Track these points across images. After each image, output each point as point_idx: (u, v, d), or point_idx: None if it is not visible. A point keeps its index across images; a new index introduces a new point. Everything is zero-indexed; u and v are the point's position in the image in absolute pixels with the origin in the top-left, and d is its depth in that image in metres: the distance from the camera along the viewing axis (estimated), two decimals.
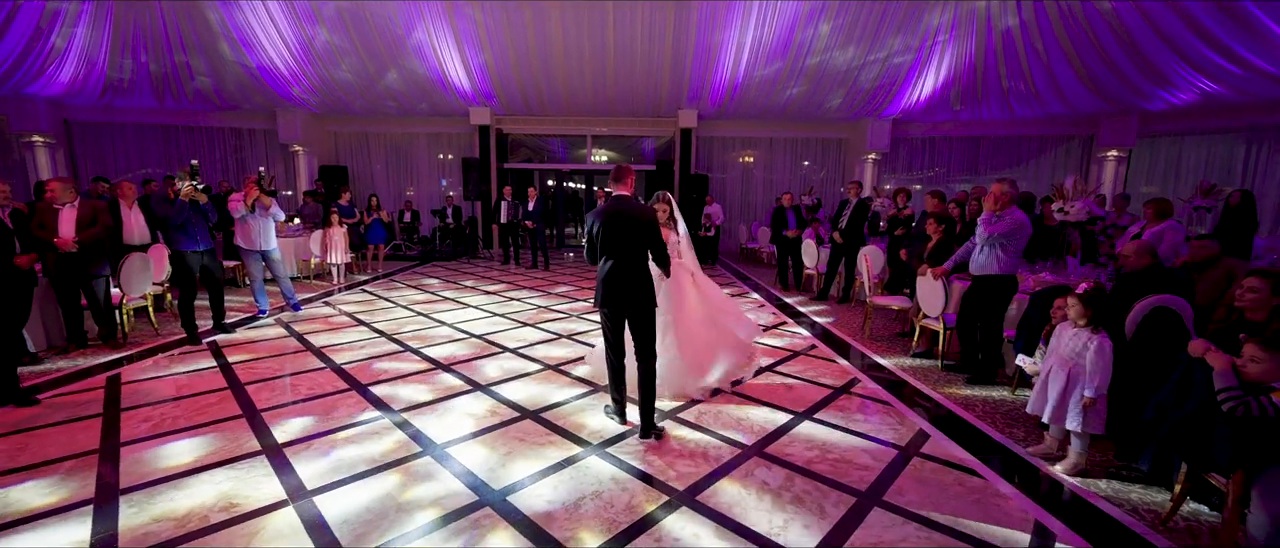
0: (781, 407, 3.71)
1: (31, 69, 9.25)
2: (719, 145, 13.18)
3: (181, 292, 5.01)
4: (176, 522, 2.36)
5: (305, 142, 12.05)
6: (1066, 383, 2.85)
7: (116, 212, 5.78)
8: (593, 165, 13.68)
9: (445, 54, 10.28)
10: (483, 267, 10.38)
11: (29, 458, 2.90)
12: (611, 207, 3.16)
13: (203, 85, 10.67)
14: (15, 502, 2.50)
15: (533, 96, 11.59)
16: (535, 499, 2.57)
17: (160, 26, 9.43)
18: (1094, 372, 2.78)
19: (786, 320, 6.29)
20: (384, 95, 11.35)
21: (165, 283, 5.85)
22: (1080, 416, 2.82)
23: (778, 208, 8.35)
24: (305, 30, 9.62)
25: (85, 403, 3.64)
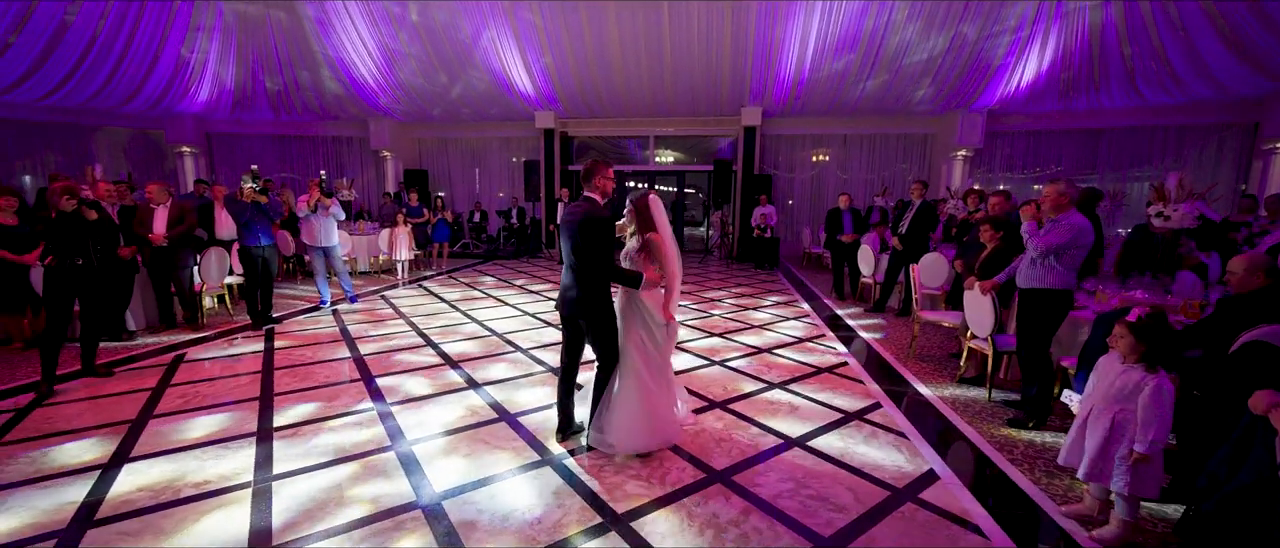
0: (774, 429, 3.37)
1: (178, 91, 10.96)
2: (786, 144, 12.50)
3: (246, 281, 5.62)
4: (152, 493, 2.60)
5: (393, 147, 13.15)
6: (1109, 430, 2.29)
7: (211, 211, 6.65)
8: (655, 166, 13.59)
9: (509, 60, 10.71)
10: (540, 266, 10.69)
11: (82, 422, 3.37)
12: (569, 210, 2.92)
13: (308, 99, 12.02)
14: (50, 461, 2.90)
15: (593, 99, 11.73)
16: (468, 506, 2.52)
17: (273, 49, 10.75)
18: (1148, 421, 2.20)
19: (825, 333, 5.77)
20: (457, 102, 12.08)
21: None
22: (1127, 474, 2.25)
23: (832, 210, 7.72)
24: (387, 44, 10.49)
25: (147, 378, 4.17)
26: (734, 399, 3.86)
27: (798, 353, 5.03)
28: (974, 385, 4.19)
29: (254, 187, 5.43)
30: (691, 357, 4.85)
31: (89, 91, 9.99)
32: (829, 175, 12.46)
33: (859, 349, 5.21)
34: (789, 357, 4.90)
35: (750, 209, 11.20)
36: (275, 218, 5.72)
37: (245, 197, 5.40)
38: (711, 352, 5.01)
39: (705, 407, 3.72)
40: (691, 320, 6.21)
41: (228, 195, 5.58)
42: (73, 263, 3.90)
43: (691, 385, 4.10)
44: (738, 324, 6.08)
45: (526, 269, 10.21)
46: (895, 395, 3.99)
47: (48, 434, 3.20)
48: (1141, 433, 2.21)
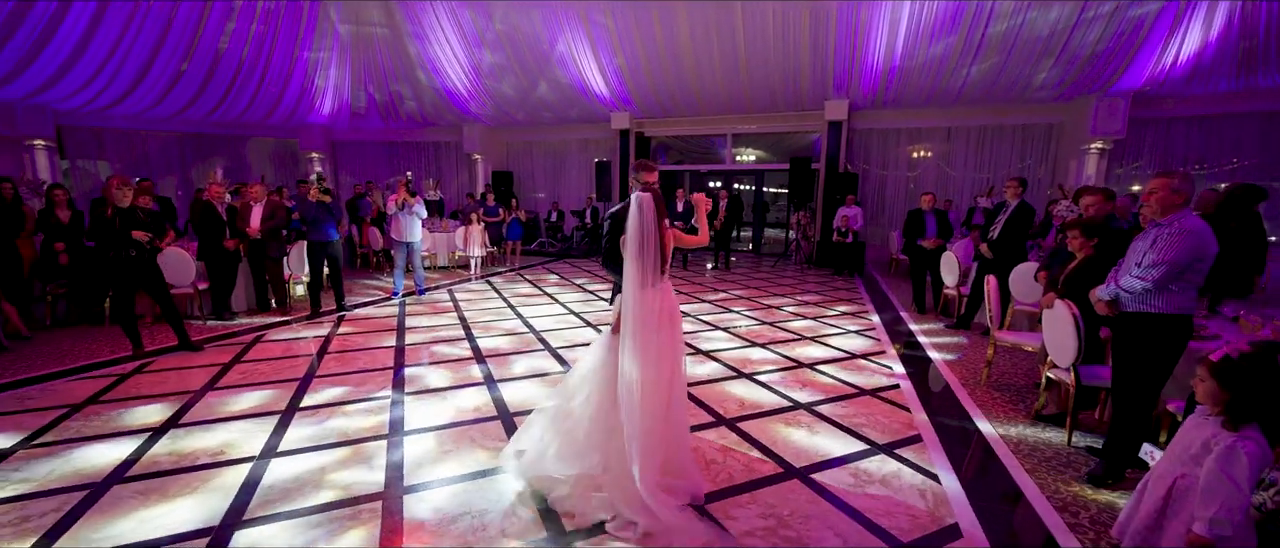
0: (777, 455, 3.00)
1: (306, 105, 12.56)
2: (878, 139, 11.42)
3: (311, 273, 6.20)
4: (177, 458, 2.91)
5: (483, 150, 14.02)
6: (1164, 499, 1.71)
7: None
8: (734, 165, 13.12)
9: (584, 62, 10.91)
10: None
11: (157, 389, 3.89)
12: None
13: (410, 108, 13.20)
14: (118, 422, 3.37)
15: (667, 98, 11.59)
16: (425, 504, 2.51)
17: (380, 63, 11.94)
18: (1211, 492, 1.62)
19: (884, 349, 5.12)
20: (538, 105, 12.57)
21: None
22: None
23: (913, 211, 6.86)
24: (474, 52, 11.18)
25: (224, 354, 4.75)
26: (745, 417, 3.52)
27: (845, 370, 4.49)
28: (1054, 425, 3.44)
29: (320, 189, 5.98)
30: (717, 365, 4.53)
31: (240, 108, 11.78)
32: (929, 173, 11.18)
33: (921, 371, 4.54)
34: (831, 374, 4.39)
35: (835, 210, 10.39)
36: (339, 216, 6.23)
37: (310, 198, 5.97)
38: (743, 362, 4.64)
39: (709, 424, 3.42)
40: (737, 326, 5.84)
41: (299, 196, 6.16)
42: (127, 254, 4.49)
43: (706, 398, 3.82)
44: (786, 335, 5.60)
45: (593, 269, 10.33)
46: (944, 430, 3.39)
47: (129, 398, 3.74)
48: (1201, 507, 1.62)
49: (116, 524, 2.33)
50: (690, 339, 5.33)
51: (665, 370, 2.44)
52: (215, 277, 5.84)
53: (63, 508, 2.44)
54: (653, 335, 2.41)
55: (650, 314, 2.41)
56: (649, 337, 2.40)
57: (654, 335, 2.41)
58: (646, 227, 2.41)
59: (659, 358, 2.42)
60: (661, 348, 2.43)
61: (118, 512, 2.42)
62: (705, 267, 10.47)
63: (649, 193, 2.46)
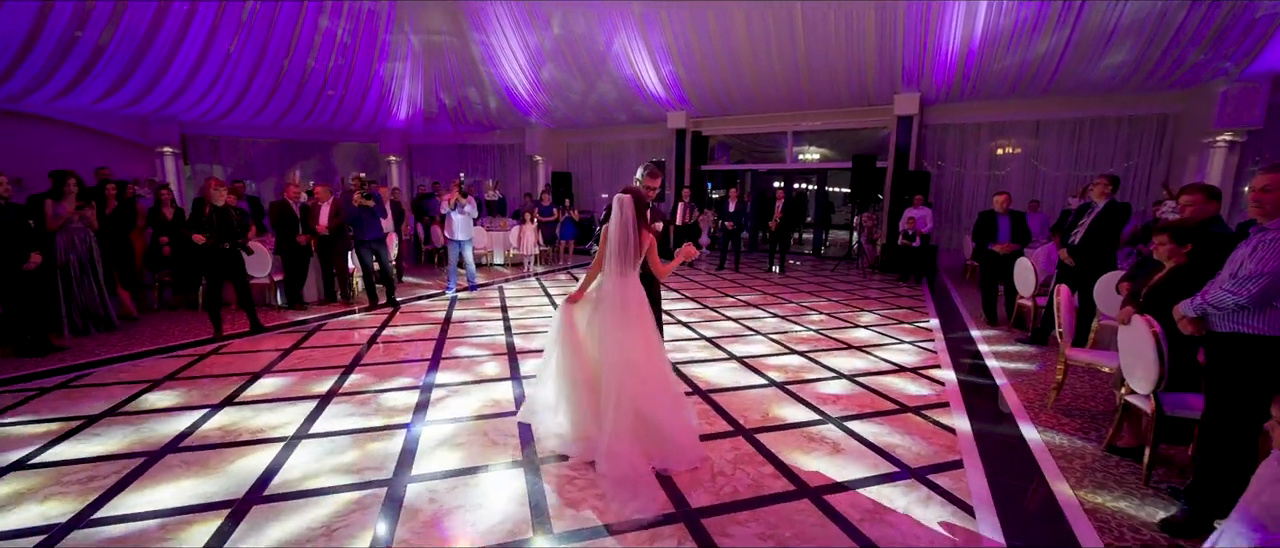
0: (792, 471, 2.81)
1: (385, 111, 13.50)
2: (955, 134, 10.54)
3: (362, 270, 6.58)
4: (224, 432, 3.18)
5: (544, 152, 14.42)
6: None
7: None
8: (796, 164, 12.61)
9: (639, 62, 10.91)
10: None
11: (225, 369, 4.29)
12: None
13: (476, 112, 13.82)
14: (186, 397, 3.74)
15: (724, 96, 11.34)
16: (423, 495, 2.56)
17: (449, 69, 12.60)
18: None
19: (938, 363, 4.68)
20: (595, 107, 12.73)
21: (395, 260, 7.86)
22: None
23: (984, 213, 6.24)
24: (533, 56, 11.51)
25: (287, 340, 5.17)
26: (767, 428, 3.32)
27: (893, 382, 4.15)
28: (1130, 459, 2.97)
29: (361, 192, 6.30)
30: (746, 373, 4.33)
31: (327, 115, 12.87)
32: (1015, 172, 10.17)
33: (978, 389, 4.10)
34: (873, 386, 4.07)
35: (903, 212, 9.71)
36: (381, 216, 6.51)
37: (353, 200, 6.30)
38: (777, 371, 4.41)
39: (725, 433, 3.26)
40: (775, 332, 5.57)
41: (342, 199, 6.49)
42: (222, 247, 4.96)
43: (729, 405, 3.66)
44: (830, 343, 5.27)
45: None
46: (992, 456, 3.03)
47: (200, 376, 4.15)
48: None
49: (158, 491, 2.58)
50: (726, 344, 5.15)
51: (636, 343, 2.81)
52: (289, 269, 6.38)
53: (122, 472, 2.73)
54: (619, 313, 2.81)
55: (617, 296, 2.83)
56: (615, 315, 2.80)
57: (620, 314, 2.81)
58: (626, 223, 2.81)
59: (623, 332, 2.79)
60: (628, 325, 2.80)
61: (163, 479, 2.67)
62: (770, 270, 10.12)
63: (629, 193, 2.83)
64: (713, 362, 4.64)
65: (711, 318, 6.26)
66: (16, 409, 3.49)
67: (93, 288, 5.17)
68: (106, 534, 2.26)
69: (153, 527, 2.31)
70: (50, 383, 3.94)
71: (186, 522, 2.34)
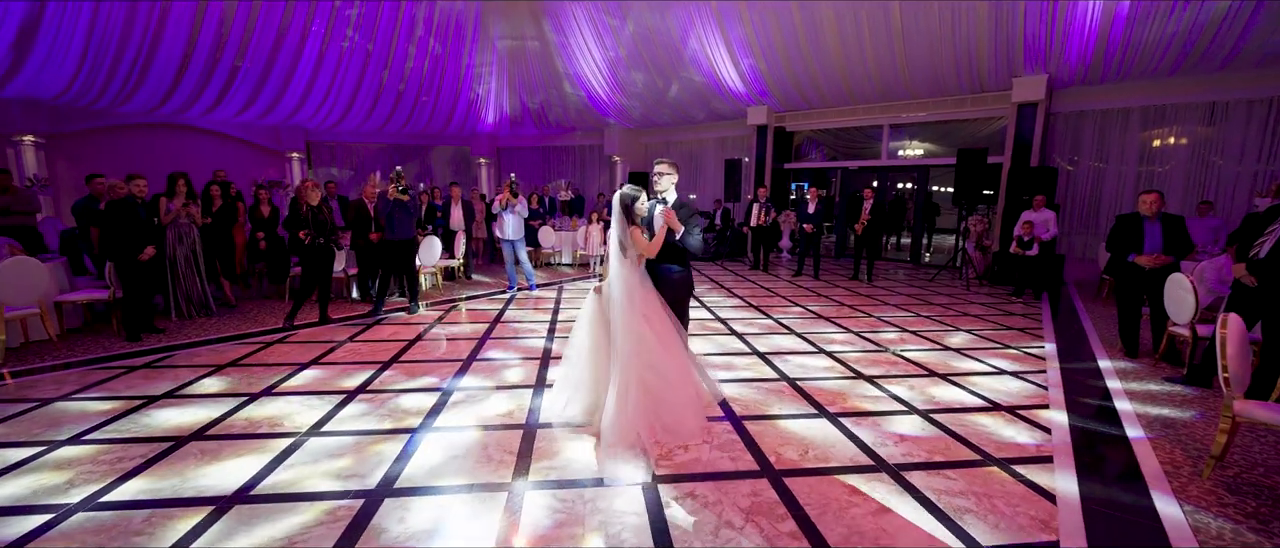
0: (821, 533, 2.27)
1: (474, 116, 14.20)
2: (1094, 123, 8.85)
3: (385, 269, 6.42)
4: (250, 423, 3.27)
5: (622, 153, 14.37)
6: None
7: (448, 207, 8.31)
8: (893, 161, 11.35)
9: (716, 56, 10.41)
10: (728, 272, 10.12)
11: (281, 358, 4.52)
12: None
13: (557, 114, 14.08)
14: (236, 385, 3.96)
15: (809, 89, 10.48)
16: (395, 513, 2.39)
17: (531, 73, 12.93)
18: None
19: (1046, 402, 3.76)
20: (672, 105, 12.39)
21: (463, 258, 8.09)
22: None
23: (1124, 217, 5.01)
24: (610, 54, 11.43)
25: (344, 333, 5.40)
26: (800, 471, 2.78)
27: (981, 422, 3.38)
28: None
29: (397, 188, 6.13)
30: (794, 399, 3.76)
31: (423, 121, 13.79)
32: (1179, 167, 8.30)
33: (1101, 442, 3.21)
34: (953, 426, 3.33)
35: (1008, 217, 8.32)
36: (415, 215, 6.42)
37: (388, 196, 6.15)
38: (833, 399, 3.78)
39: (748, 473, 2.77)
40: (843, 349, 4.87)
41: (378, 194, 6.56)
42: (317, 242, 5.27)
43: (762, 437, 3.16)
44: (909, 368, 4.49)
45: (711, 273, 9.79)
46: (1109, 540, 2.26)
47: (256, 363, 4.40)
48: None
49: (164, 480, 2.65)
50: (779, 360, 4.58)
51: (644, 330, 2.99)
52: (362, 266, 6.75)
53: (146, 457, 2.86)
54: (627, 302, 3.00)
55: (623, 286, 3.02)
56: (623, 303, 3.01)
57: (627, 302, 3.00)
58: (619, 221, 3.06)
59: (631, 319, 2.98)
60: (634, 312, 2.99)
61: (174, 468, 2.76)
62: (856, 278, 9.20)
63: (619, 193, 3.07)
64: (758, 381, 4.10)
65: (772, 330, 5.66)
66: (98, 385, 3.89)
67: (196, 277, 5.78)
68: (98, 520, 2.32)
69: (138, 518, 2.34)
70: (138, 363, 4.38)
71: (168, 516, 2.35)
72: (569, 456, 2.92)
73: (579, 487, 2.61)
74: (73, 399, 3.62)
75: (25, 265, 4.42)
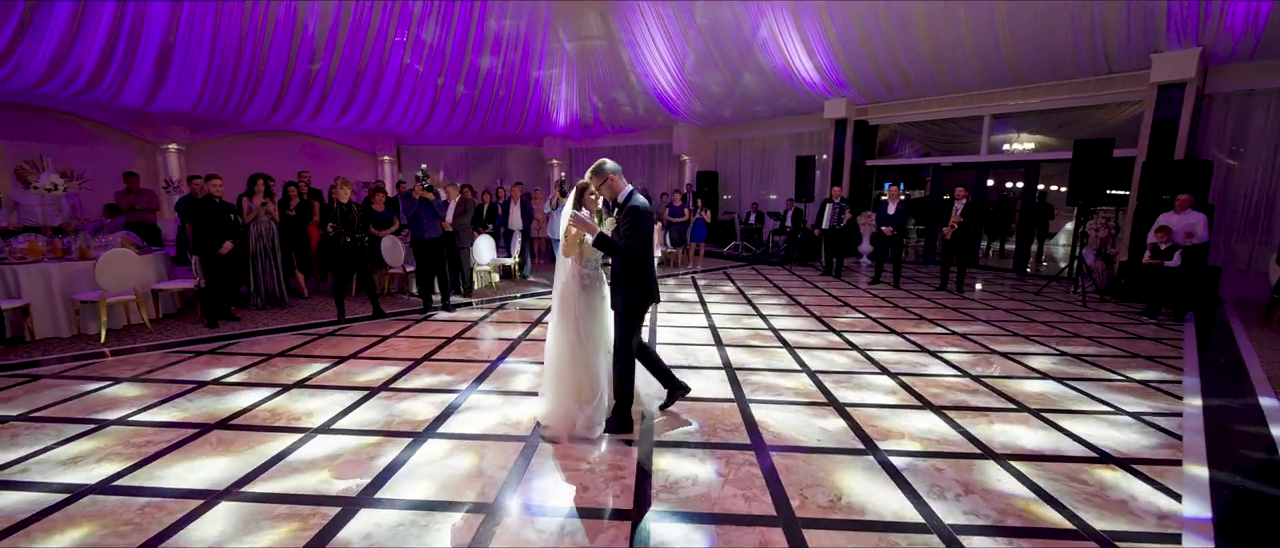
0: None
1: (546, 118, 14.47)
2: (1264, 106, 7.17)
3: (420, 269, 6.38)
4: (271, 414, 3.34)
5: (691, 151, 13.97)
6: None
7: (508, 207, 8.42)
8: (995, 156, 9.99)
9: (789, 45, 9.73)
10: (803, 277, 9.40)
11: (327, 351, 4.68)
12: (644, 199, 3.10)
13: (626, 113, 13.97)
14: (276, 375, 4.12)
15: (894, 76, 9.49)
16: (362, 533, 2.25)
17: (600, 72, 12.91)
18: None
19: (1178, 455, 2.92)
20: (743, 100, 11.80)
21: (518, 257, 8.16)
22: None
23: None
24: (678, 49, 11.09)
25: (391, 328, 5.53)
26: (825, 522, 2.31)
27: (1082, 477, 2.68)
28: None
29: (424, 186, 6.09)
30: (837, 435, 3.22)
31: (498, 125, 14.27)
32: None
33: (1261, 505, 2.41)
34: (1045, 483, 2.66)
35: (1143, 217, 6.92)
36: (442, 213, 6.29)
37: (414, 194, 6.12)
38: (887, 433, 3.21)
39: (764, 518, 2.35)
40: (911, 371, 4.19)
41: (405, 192, 6.55)
42: (343, 239, 5.45)
43: (788, 474, 2.71)
44: (992, 398, 3.76)
45: (779, 278, 9.13)
46: None
47: (301, 355, 4.58)
48: None
49: (175, 467, 2.72)
50: (829, 381, 4.03)
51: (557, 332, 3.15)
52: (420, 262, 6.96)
53: (171, 442, 2.98)
54: (557, 302, 3.16)
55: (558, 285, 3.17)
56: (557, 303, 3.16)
57: (558, 302, 3.15)
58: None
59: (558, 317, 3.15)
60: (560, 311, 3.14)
61: (191, 456, 2.83)
62: (943, 288, 8.20)
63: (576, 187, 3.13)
64: (800, 405, 3.60)
65: (831, 345, 5.06)
66: (165, 368, 4.21)
67: (273, 271, 6.23)
68: (101, 505, 2.40)
69: (135, 505, 2.39)
70: (203, 348, 4.74)
71: (160, 507, 2.38)
72: (560, 476, 2.66)
73: (560, 517, 2.33)
74: (140, 380, 3.93)
75: (123, 257, 4.94)
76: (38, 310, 4.84)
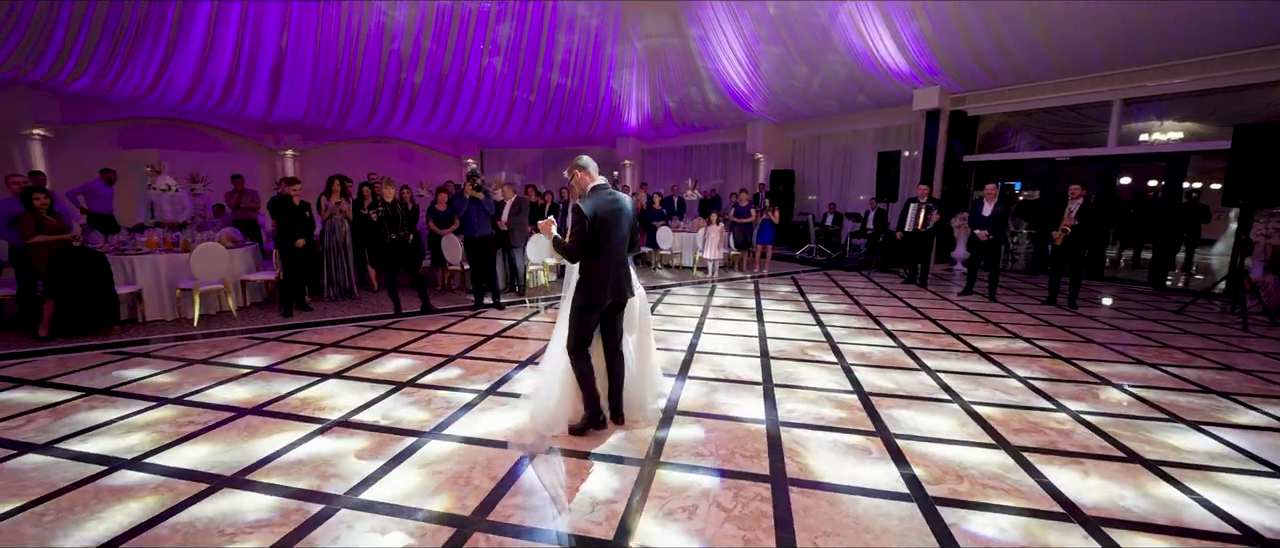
0: None
1: (618, 119, 14.49)
2: None
3: (471, 267, 6.51)
4: (303, 402, 3.48)
5: (765, 150, 13.33)
6: None
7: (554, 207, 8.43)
8: (1128, 148, 8.46)
9: (871, 30, 8.90)
10: (881, 284, 8.56)
11: (376, 344, 4.87)
12: (606, 197, 2.95)
13: (698, 112, 13.61)
14: (322, 364, 4.32)
15: (997, 59, 8.35)
16: (341, 524, 2.20)
17: (671, 71, 12.67)
18: None
19: None
20: (820, 93, 11.00)
21: None
22: None
23: None
24: (751, 44, 10.58)
25: (439, 323, 5.67)
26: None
27: None
28: None
29: (474, 185, 6.14)
30: (876, 471, 2.74)
31: (571, 127, 14.51)
32: None
33: None
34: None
35: None
36: (490, 212, 6.28)
37: (465, 194, 6.22)
38: (943, 475, 2.68)
39: None
40: (995, 400, 3.53)
41: (455, 193, 6.60)
42: (390, 238, 5.66)
43: (804, 520, 2.31)
44: (1093, 446, 3.06)
45: (848, 284, 8.36)
46: None
47: (352, 346, 4.79)
48: None
49: (201, 447, 2.87)
50: (889, 408, 3.50)
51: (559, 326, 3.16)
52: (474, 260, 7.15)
53: (208, 423, 3.18)
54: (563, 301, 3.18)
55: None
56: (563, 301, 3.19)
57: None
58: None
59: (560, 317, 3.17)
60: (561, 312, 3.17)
61: (219, 438, 2.99)
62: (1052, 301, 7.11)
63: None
64: (840, 431, 3.13)
65: (896, 362, 4.44)
66: (232, 353, 4.57)
67: (344, 265, 6.68)
68: (127, 479, 2.56)
69: (152, 482, 2.53)
70: (271, 336, 5.12)
71: (171, 488, 2.49)
72: (542, 494, 2.46)
73: (534, 539, 2.13)
74: (212, 362, 4.30)
75: (213, 250, 5.49)
76: (148, 296, 5.51)
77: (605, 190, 2.98)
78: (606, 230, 2.88)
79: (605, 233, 2.88)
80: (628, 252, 3.05)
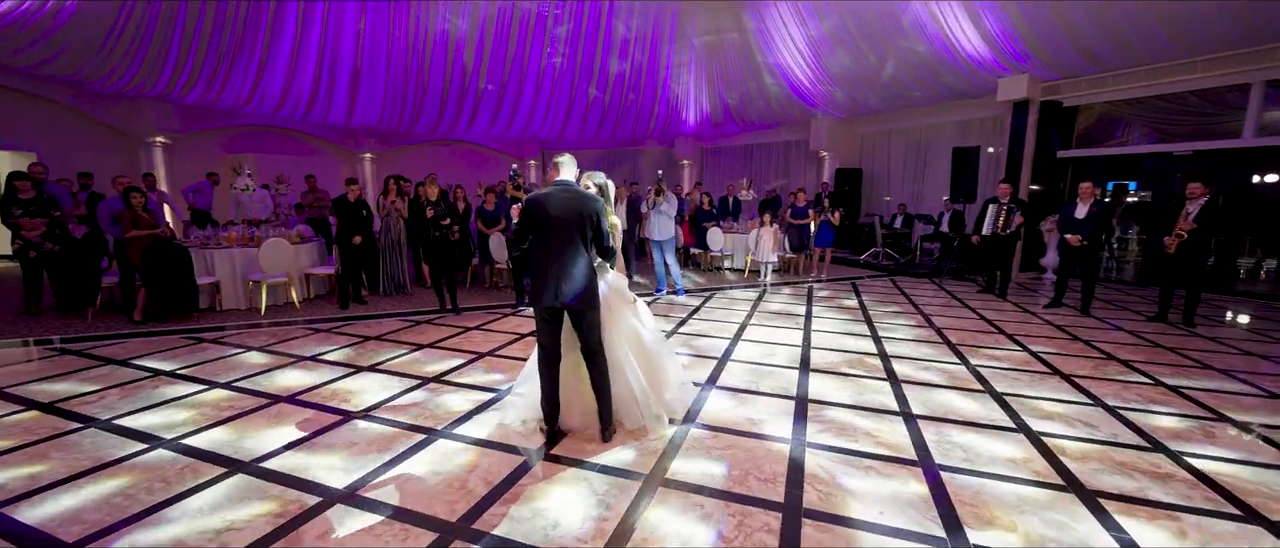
0: None
1: (676, 118, 14.29)
2: None
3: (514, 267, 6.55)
4: (331, 394, 3.60)
5: (830, 147, 12.64)
6: None
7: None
8: (1266, 140, 7.16)
9: (946, 14, 8.13)
10: (953, 293, 7.81)
11: (412, 340, 5.01)
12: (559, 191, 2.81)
13: (758, 108, 13.13)
14: (357, 357, 4.48)
15: (1097, 41, 7.36)
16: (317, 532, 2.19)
17: (730, 68, 12.31)
18: None
19: None
20: (889, 85, 10.23)
21: None
22: None
23: None
24: (813, 35, 10.04)
25: (473, 321, 5.75)
26: None
27: None
28: None
29: (514, 184, 5.93)
30: (907, 510, 2.38)
31: (629, 128, 14.50)
32: None
33: None
34: None
35: None
36: None
37: (508, 194, 6.21)
38: (992, 517, 2.29)
39: None
40: (1066, 435, 3.02)
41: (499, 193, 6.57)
42: (432, 235, 5.79)
43: None
44: (1195, 499, 2.52)
45: (915, 292, 7.66)
46: None
47: (394, 340, 4.95)
48: None
49: (227, 432, 3.01)
50: (938, 431, 3.09)
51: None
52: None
53: (241, 410, 3.35)
54: None
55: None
56: None
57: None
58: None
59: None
60: None
61: (247, 424, 3.13)
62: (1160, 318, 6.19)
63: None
64: (879, 458, 2.78)
65: (960, 384, 3.96)
66: (284, 342, 4.85)
67: (398, 262, 6.97)
68: (160, 458, 2.72)
69: (178, 465, 2.66)
70: (324, 326, 5.40)
71: (193, 470, 2.61)
72: (542, 503, 2.34)
73: None
74: (263, 350, 4.59)
75: (278, 246, 5.89)
76: (225, 287, 6.01)
77: (567, 185, 2.87)
78: (546, 225, 2.75)
79: (545, 226, 2.76)
80: (589, 254, 2.82)
